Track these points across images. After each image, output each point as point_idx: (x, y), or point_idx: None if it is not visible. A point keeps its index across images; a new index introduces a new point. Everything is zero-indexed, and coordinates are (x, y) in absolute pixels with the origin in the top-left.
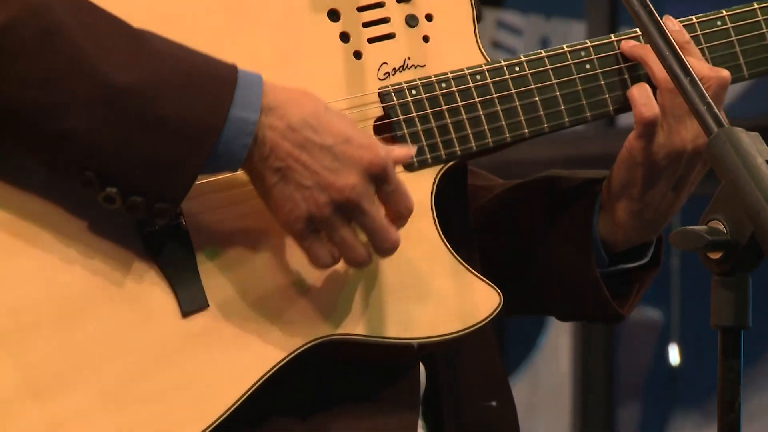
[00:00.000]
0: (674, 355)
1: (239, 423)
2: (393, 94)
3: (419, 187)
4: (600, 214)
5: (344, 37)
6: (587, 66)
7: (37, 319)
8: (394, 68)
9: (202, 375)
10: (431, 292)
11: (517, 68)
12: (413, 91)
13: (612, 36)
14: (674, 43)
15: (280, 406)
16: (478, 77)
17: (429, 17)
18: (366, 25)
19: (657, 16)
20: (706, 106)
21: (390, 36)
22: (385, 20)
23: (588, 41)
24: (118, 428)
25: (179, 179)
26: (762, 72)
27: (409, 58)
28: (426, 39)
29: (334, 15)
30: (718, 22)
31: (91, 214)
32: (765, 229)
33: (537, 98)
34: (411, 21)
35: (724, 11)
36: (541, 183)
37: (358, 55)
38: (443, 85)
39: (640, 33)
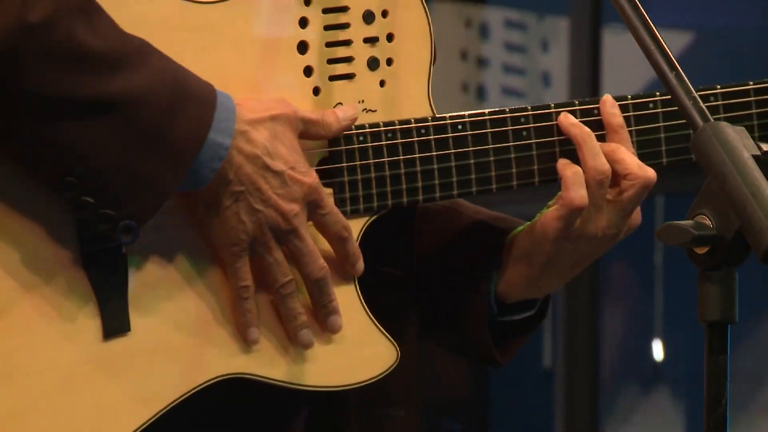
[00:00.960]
0: (658, 350)
1: None
2: (342, 138)
3: None
4: (496, 269)
5: (308, 71)
6: (524, 133)
7: None
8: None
9: (111, 398)
10: (334, 341)
11: (459, 126)
12: (360, 138)
13: (552, 105)
14: (659, 37)
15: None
16: (423, 131)
17: (389, 62)
18: (331, 61)
19: (642, 10)
20: (692, 101)
21: (350, 76)
22: (348, 59)
23: (529, 107)
24: None
25: (153, 196)
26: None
27: (362, 101)
28: (382, 84)
29: (302, 47)
30: (650, 105)
31: (34, 226)
32: (751, 224)
33: (472, 161)
34: (372, 64)
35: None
36: (447, 215)
37: (316, 91)
38: (389, 135)
39: (578, 106)
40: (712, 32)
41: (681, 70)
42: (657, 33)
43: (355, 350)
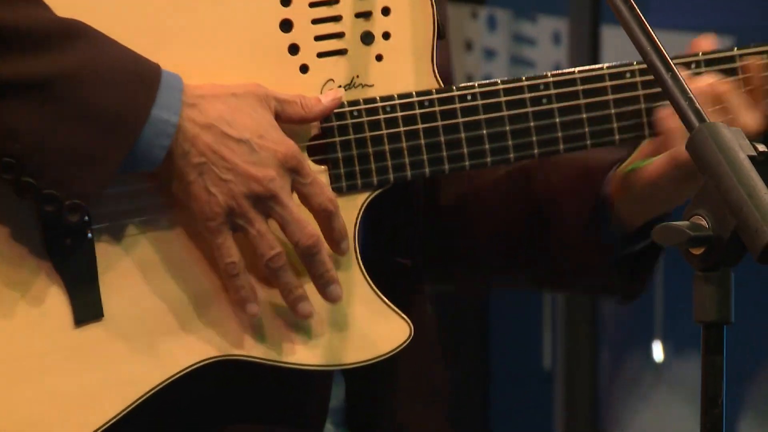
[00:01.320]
0: (658, 351)
1: None
2: (334, 114)
3: (344, 212)
4: (609, 208)
5: (293, 49)
6: (543, 101)
7: None
8: (340, 86)
9: (85, 385)
10: (340, 319)
11: (468, 97)
12: (355, 113)
13: (575, 71)
14: (655, 38)
15: (172, 420)
16: (426, 104)
17: (386, 35)
18: (318, 38)
19: (638, 11)
20: (687, 102)
21: (341, 52)
22: (339, 35)
23: (549, 74)
24: None
25: (96, 175)
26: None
27: (357, 77)
28: (379, 58)
29: (286, 25)
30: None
31: None
32: (747, 224)
33: (484, 131)
34: (366, 38)
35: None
36: (548, 167)
37: (304, 69)
38: (387, 108)
39: (606, 70)
40: (753, 32)
41: (677, 71)
42: (653, 33)
43: (364, 327)
